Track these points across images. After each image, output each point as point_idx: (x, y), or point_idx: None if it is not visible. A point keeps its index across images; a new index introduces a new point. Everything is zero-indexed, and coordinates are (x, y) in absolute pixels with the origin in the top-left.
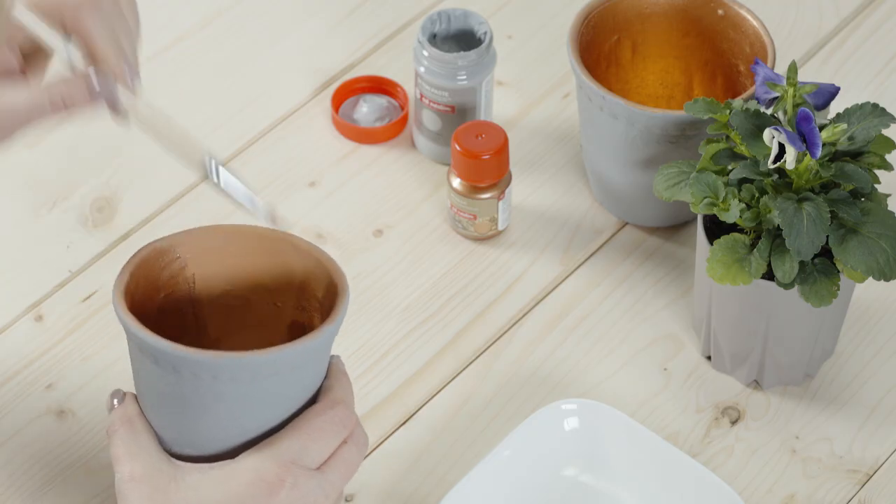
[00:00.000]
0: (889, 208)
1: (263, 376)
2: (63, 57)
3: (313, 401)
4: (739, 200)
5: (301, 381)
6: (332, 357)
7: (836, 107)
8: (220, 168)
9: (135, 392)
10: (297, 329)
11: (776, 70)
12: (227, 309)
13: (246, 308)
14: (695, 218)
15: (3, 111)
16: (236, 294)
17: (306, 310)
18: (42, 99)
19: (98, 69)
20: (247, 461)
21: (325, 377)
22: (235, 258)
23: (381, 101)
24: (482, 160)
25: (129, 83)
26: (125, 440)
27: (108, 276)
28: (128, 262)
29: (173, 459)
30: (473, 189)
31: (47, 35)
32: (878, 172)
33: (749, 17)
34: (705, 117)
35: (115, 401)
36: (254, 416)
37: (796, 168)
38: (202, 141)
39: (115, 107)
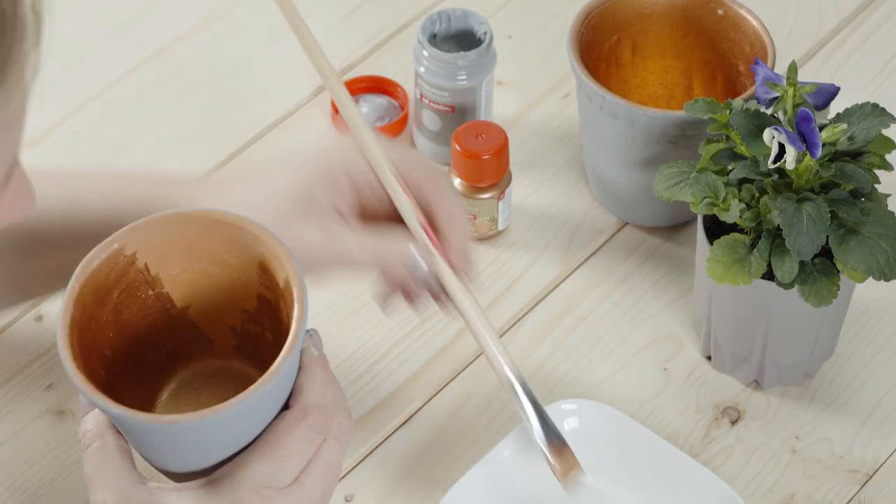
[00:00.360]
0: (889, 208)
1: (226, 421)
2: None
3: (286, 404)
4: (739, 200)
5: (270, 407)
6: (308, 332)
7: (836, 107)
8: (524, 395)
9: None
10: (265, 304)
11: (776, 70)
12: (188, 282)
13: (208, 278)
14: (695, 218)
15: (335, 242)
16: (196, 269)
17: (270, 290)
18: (403, 251)
19: (432, 256)
20: (220, 487)
21: (298, 370)
22: (188, 241)
23: (381, 101)
24: (482, 160)
25: (464, 270)
26: (97, 461)
27: None
28: (69, 292)
29: (147, 483)
30: (473, 189)
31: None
32: (878, 172)
33: (749, 17)
34: (705, 117)
35: (83, 411)
36: (224, 448)
37: (796, 168)
38: (513, 367)
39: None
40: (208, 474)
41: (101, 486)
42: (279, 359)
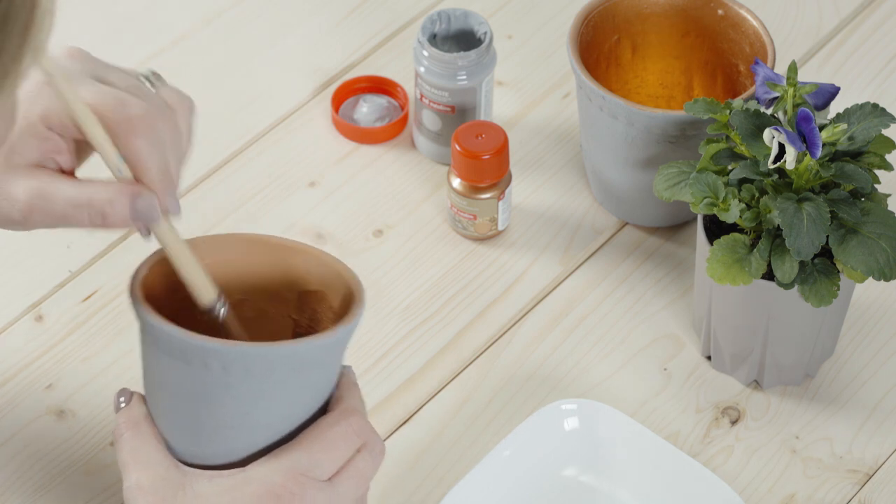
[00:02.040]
0: (889, 208)
1: (276, 371)
2: (112, 164)
3: (324, 410)
4: (739, 200)
5: (313, 385)
6: (343, 367)
7: (836, 107)
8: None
9: (143, 393)
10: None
11: (776, 70)
12: (239, 319)
13: (259, 319)
14: (695, 218)
15: (40, 199)
16: (250, 304)
17: (321, 321)
18: (81, 202)
19: (143, 195)
20: (257, 471)
21: (336, 387)
22: (252, 267)
23: (381, 101)
24: (482, 160)
25: (166, 208)
26: (132, 446)
27: (108, 276)
28: (149, 257)
29: (181, 466)
30: (473, 189)
31: (96, 138)
32: (878, 172)
33: (749, 17)
34: (705, 117)
35: (122, 400)
36: (264, 419)
37: (796, 168)
38: (212, 281)
39: (146, 230)
40: (242, 465)
41: (136, 469)
42: (340, 322)
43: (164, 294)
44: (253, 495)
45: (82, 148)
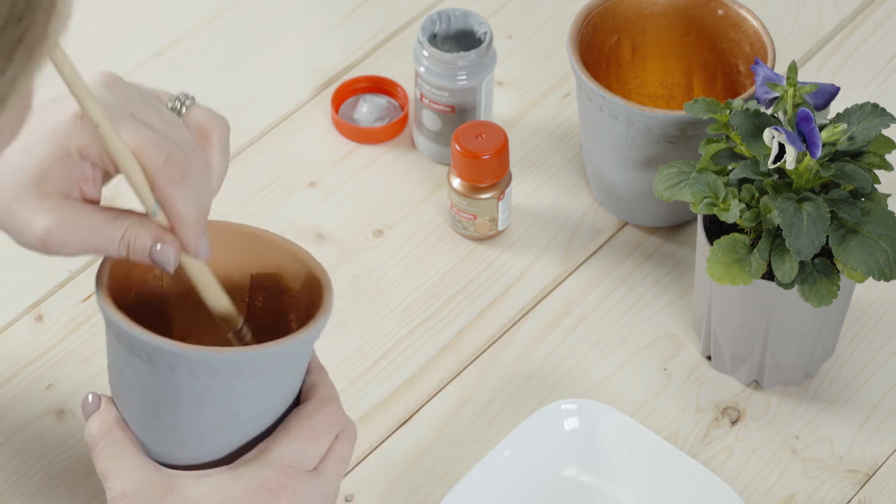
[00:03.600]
0: (889, 208)
1: (245, 374)
2: (149, 207)
3: (297, 400)
4: (739, 200)
5: (286, 381)
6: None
7: (836, 107)
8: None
9: (110, 395)
10: (266, 332)
11: (776, 70)
12: (194, 307)
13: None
14: (695, 218)
15: (66, 227)
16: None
17: (280, 309)
18: (113, 237)
19: (164, 242)
20: (245, 468)
21: (308, 373)
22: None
23: (381, 101)
24: (482, 160)
25: (197, 253)
26: (109, 453)
27: None
28: (105, 260)
29: (164, 469)
30: (473, 189)
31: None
32: (878, 172)
33: (749, 17)
34: (705, 117)
35: (90, 399)
36: (246, 415)
37: (796, 168)
38: (234, 309)
39: (164, 268)
40: (224, 464)
41: (117, 478)
42: (306, 327)
43: (122, 293)
44: (245, 492)
45: (107, 177)
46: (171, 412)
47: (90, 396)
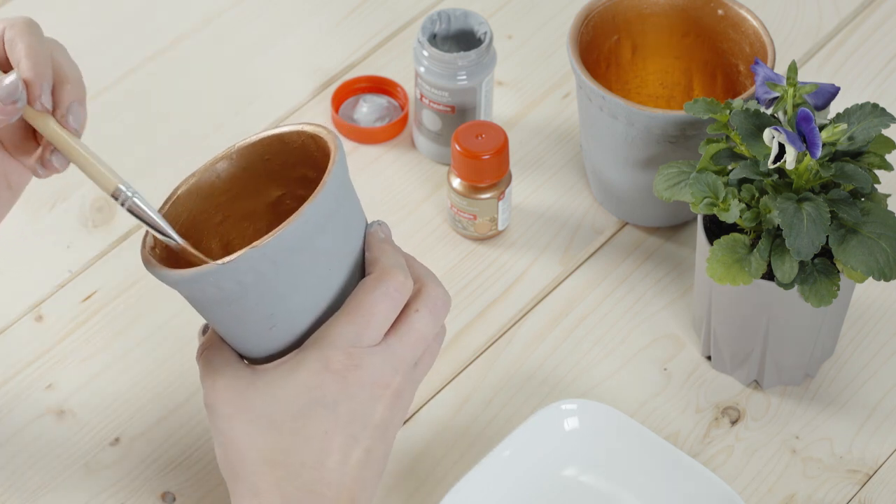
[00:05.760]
0: (889, 208)
1: (289, 258)
2: None
3: (362, 270)
4: (739, 200)
5: (327, 252)
6: (370, 226)
7: (836, 107)
8: (136, 198)
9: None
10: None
11: (776, 70)
12: (205, 250)
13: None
14: (695, 218)
15: None
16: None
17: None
18: None
19: (10, 74)
20: (309, 352)
21: (367, 249)
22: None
23: (381, 101)
24: (482, 160)
25: (39, 96)
26: (208, 361)
27: (107, 277)
28: (144, 237)
29: (250, 366)
30: (473, 189)
31: None
32: (878, 172)
33: (749, 17)
34: (705, 117)
35: (202, 331)
36: (296, 305)
37: (796, 168)
38: (112, 171)
39: (17, 104)
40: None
41: (212, 375)
42: (327, 174)
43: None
44: (310, 373)
45: None
46: (233, 319)
47: (203, 327)
